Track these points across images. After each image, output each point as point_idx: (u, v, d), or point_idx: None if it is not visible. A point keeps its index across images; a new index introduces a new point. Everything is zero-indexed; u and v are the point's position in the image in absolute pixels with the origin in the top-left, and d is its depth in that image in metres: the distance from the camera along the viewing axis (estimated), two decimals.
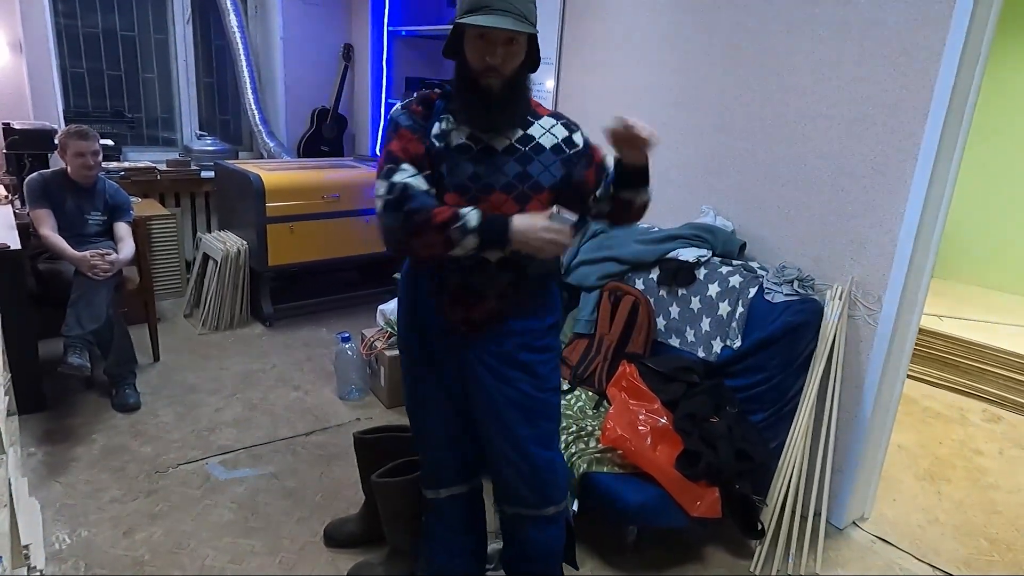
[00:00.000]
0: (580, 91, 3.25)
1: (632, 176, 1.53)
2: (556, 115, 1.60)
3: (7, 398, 2.16)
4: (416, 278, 1.61)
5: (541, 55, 1.53)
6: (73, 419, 2.74)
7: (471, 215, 1.39)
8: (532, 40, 1.46)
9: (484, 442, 1.69)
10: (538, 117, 1.56)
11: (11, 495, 1.57)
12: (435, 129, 1.49)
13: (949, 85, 1.97)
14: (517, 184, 1.49)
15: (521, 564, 1.79)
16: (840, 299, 2.22)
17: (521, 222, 1.39)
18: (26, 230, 2.85)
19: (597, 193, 1.61)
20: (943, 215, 2.16)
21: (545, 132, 1.54)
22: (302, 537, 2.17)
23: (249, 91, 4.46)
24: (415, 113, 1.51)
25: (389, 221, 1.42)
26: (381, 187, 1.44)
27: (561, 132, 1.56)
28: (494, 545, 1.99)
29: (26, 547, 1.62)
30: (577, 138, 1.59)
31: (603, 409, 2.35)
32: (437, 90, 1.56)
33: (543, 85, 3.39)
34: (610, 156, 1.59)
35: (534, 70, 1.53)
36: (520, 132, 1.52)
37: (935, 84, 2.00)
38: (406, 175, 1.43)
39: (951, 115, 2.01)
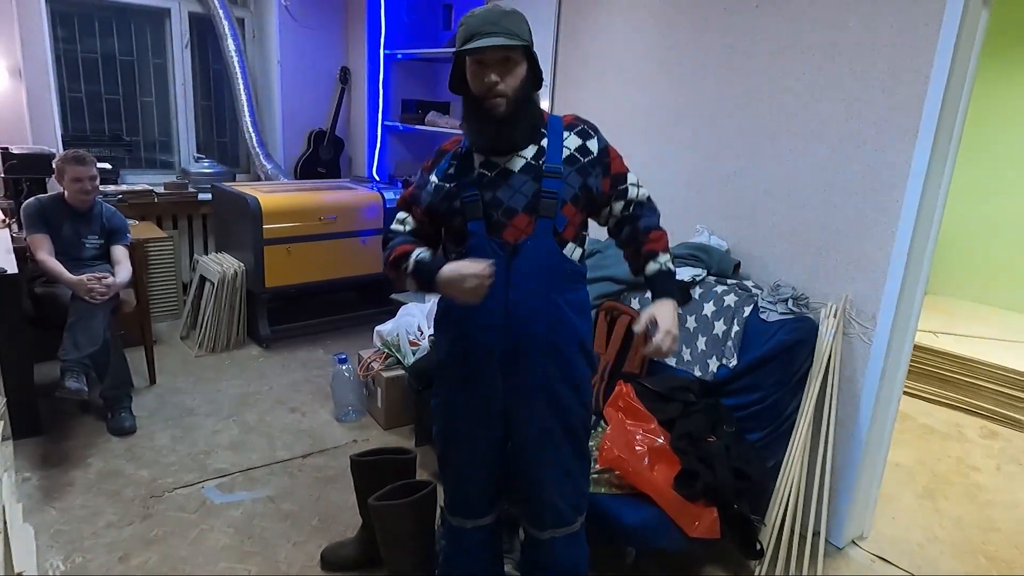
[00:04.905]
0: (574, 112, 3.27)
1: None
2: (572, 124, 1.61)
3: (2, 423, 2.15)
4: (463, 307, 1.58)
5: (540, 70, 1.56)
6: (69, 443, 2.72)
7: (414, 257, 1.54)
8: (531, 59, 1.50)
9: (523, 466, 1.69)
10: (553, 130, 1.58)
11: (5, 521, 1.56)
12: (436, 175, 1.59)
13: (937, 104, 2.00)
14: (536, 201, 1.51)
15: None
16: (835, 317, 2.24)
17: (447, 271, 1.45)
18: (23, 254, 2.86)
19: (615, 211, 1.66)
20: (935, 232, 2.18)
21: (559, 144, 1.56)
22: (299, 561, 2.15)
23: (246, 114, 4.50)
24: (424, 170, 1.66)
25: (382, 259, 1.65)
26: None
27: (574, 142, 1.57)
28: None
29: (19, 574, 1.60)
30: (592, 145, 1.59)
31: (600, 429, 2.34)
32: (451, 142, 1.65)
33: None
34: (631, 174, 1.66)
35: (538, 87, 1.56)
36: (534, 148, 1.55)
37: (924, 103, 2.03)
38: (400, 220, 1.66)
39: (940, 134, 2.04)
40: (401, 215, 1.68)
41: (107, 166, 3.92)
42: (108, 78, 4.27)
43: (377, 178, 4.72)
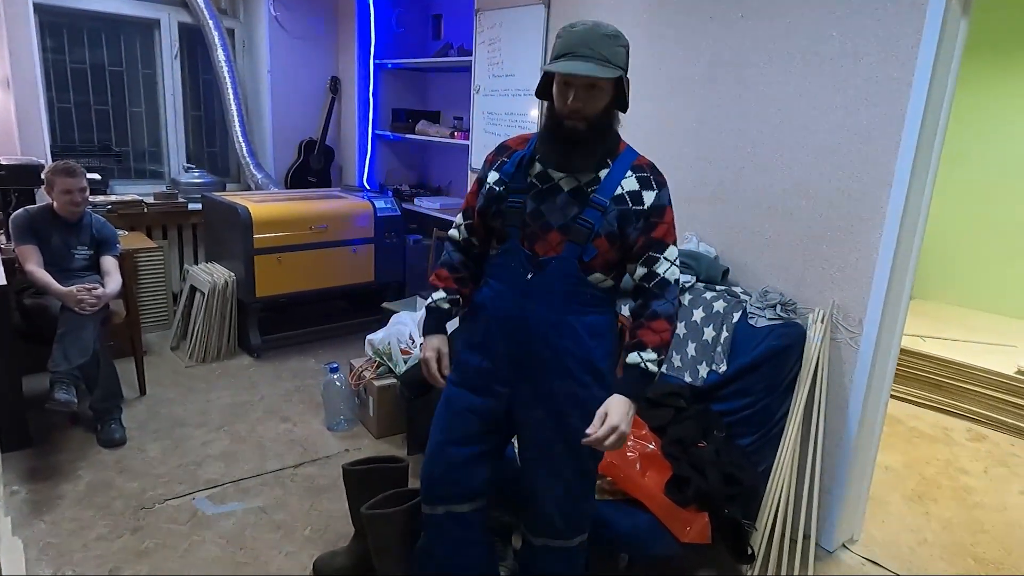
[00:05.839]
0: None
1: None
2: (640, 168, 1.56)
3: None
4: (489, 301, 1.64)
5: (627, 96, 1.54)
6: (58, 456, 2.71)
7: (432, 296, 1.72)
8: (620, 82, 1.48)
9: (525, 470, 1.72)
10: (620, 165, 1.55)
11: None
12: (493, 176, 1.63)
13: (919, 112, 2.04)
14: (572, 225, 1.53)
15: None
16: (822, 323, 2.26)
17: (430, 343, 1.71)
18: (12, 266, 2.85)
19: (635, 275, 1.58)
20: (919, 238, 2.21)
21: (616, 181, 1.53)
22: (291, 571, 2.14)
23: (236, 124, 4.50)
24: (486, 162, 1.70)
25: None
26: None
27: (631, 185, 1.53)
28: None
29: None
30: (647, 197, 1.53)
31: None
32: (527, 135, 1.67)
33: (527, 115, 3.45)
34: (673, 249, 1.57)
35: (623, 111, 1.55)
36: (591, 176, 1.54)
37: (906, 112, 2.07)
38: (456, 225, 1.76)
39: (922, 141, 2.07)
40: (458, 219, 1.75)
41: (96, 177, 3.91)
42: (97, 89, 4.26)
43: (368, 187, 4.73)
